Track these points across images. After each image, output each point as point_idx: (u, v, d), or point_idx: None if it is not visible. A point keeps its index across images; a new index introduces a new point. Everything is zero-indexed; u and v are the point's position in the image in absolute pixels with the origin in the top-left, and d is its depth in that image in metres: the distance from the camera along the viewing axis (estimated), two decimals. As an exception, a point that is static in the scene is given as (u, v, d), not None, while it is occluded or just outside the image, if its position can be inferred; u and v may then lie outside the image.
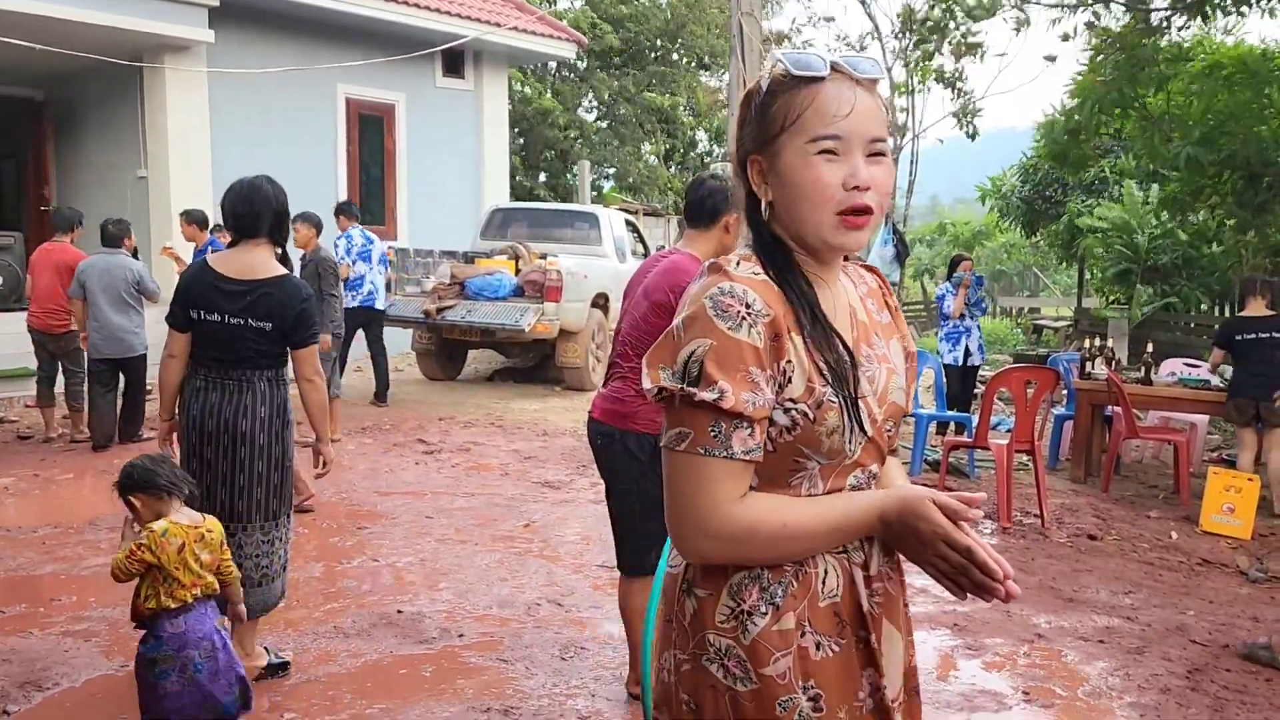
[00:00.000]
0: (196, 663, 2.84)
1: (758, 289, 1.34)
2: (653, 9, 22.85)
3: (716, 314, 1.32)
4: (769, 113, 1.40)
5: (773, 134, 1.39)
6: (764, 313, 1.32)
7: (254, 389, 3.55)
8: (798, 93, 1.38)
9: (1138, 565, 5.43)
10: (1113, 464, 7.27)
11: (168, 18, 10.35)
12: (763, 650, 1.37)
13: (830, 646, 1.40)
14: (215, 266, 3.61)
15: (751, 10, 8.49)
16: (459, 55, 13.59)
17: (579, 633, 4.18)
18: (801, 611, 1.38)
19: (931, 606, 4.63)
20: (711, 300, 1.33)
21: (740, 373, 1.30)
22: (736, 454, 1.32)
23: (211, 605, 2.98)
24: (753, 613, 1.37)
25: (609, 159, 22.23)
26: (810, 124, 1.36)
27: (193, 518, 2.98)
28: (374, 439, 8.10)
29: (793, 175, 1.37)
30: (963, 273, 8.58)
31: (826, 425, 1.35)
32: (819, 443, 1.36)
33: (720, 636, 1.39)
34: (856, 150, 1.36)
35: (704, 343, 1.31)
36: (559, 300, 10.09)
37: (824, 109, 1.36)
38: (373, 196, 13.13)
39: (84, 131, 12.18)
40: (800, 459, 1.37)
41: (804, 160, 1.36)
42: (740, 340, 1.31)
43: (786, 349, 1.34)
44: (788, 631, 1.37)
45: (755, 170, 1.43)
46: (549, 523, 5.84)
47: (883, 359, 1.47)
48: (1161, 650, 4.21)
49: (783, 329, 1.34)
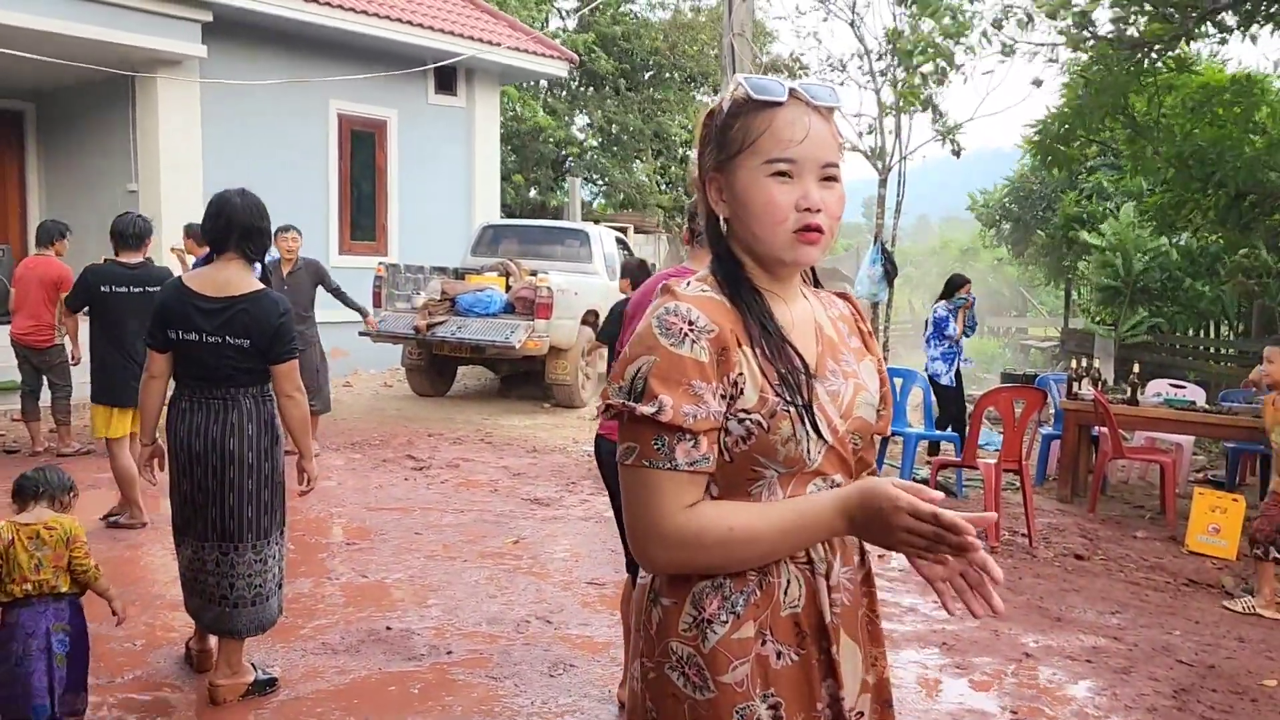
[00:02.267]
0: (20, 657, 2.96)
1: (703, 306, 1.39)
2: (644, 26, 23.00)
3: (661, 332, 1.37)
4: (728, 134, 1.45)
5: (730, 154, 1.44)
6: (708, 328, 1.37)
7: (240, 407, 3.53)
8: (756, 116, 1.43)
9: (1124, 585, 5.45)
10: (1099, 484, 7.31)
11: (161, 32, 10.37)
12: (721, 658, 1.40)
13: (790, 655, 1.42)
14: (190, 285, 3.57)
15: (743, 31, 8.56)
16: (451, 72, 13.64)
17: (568, 649, 4.17)
18: (763, 620, 1.41)
19: (920, 625, 4.65)
20: (658, 319, 1.38)
21: (683, 387, 1.34)
22: (680, 465, 1.36)
23: (57, 607, 3.04)
24: (713, 621, 1.41)
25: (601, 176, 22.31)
26: (766, 147, 1.41)
27: (39, 516, 3.06)
28: (363, 455, 8.08)
29: (747, 195, 1.42)
30: (965, 295, 8.63)
31: (780, 434, 1.39)
32: (774, 451, 1.39)
33: (682, 644, 1.42)
34: (809, 174, 1.41)
35: (648, 360, 1.36)
36: (549, 317, 10.10)
37: (779, 133, 1.41)
38: (364, 212, 13.15)
39: (74, 144, 12.17)
40: (757, 468, 1.41)
41: (758, 181, 1.41)
42: (683, 355, 1.35)
43: (735, 362, 1.38)
44: (746, 640, 1.40)
45: (713, 187, 1.48)
46: (538, 539, 5.84)
47: (850, 375, 1.51)
48: (1148, 670, 4.23)
49: (729, 343, 1.38)
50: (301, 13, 11.35)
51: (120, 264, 5.71)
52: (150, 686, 3.73)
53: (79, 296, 5.88)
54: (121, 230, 5.68)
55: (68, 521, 3.08)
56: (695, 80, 23.62)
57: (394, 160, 13.29)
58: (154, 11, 10.26)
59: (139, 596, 4.65)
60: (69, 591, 3.08)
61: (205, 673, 3.73)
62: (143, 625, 4.29)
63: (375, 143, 13.14)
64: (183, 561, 3.65)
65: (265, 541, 3.58)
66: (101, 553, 5.16)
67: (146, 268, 5.74)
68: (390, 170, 13.28)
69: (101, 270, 5.75)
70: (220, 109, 11.26)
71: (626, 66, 22.40)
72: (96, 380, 5.77)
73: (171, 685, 3.74)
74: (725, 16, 8.93)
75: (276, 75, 11.51)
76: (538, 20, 19.99)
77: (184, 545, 3.62)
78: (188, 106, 11.05)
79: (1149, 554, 6.07)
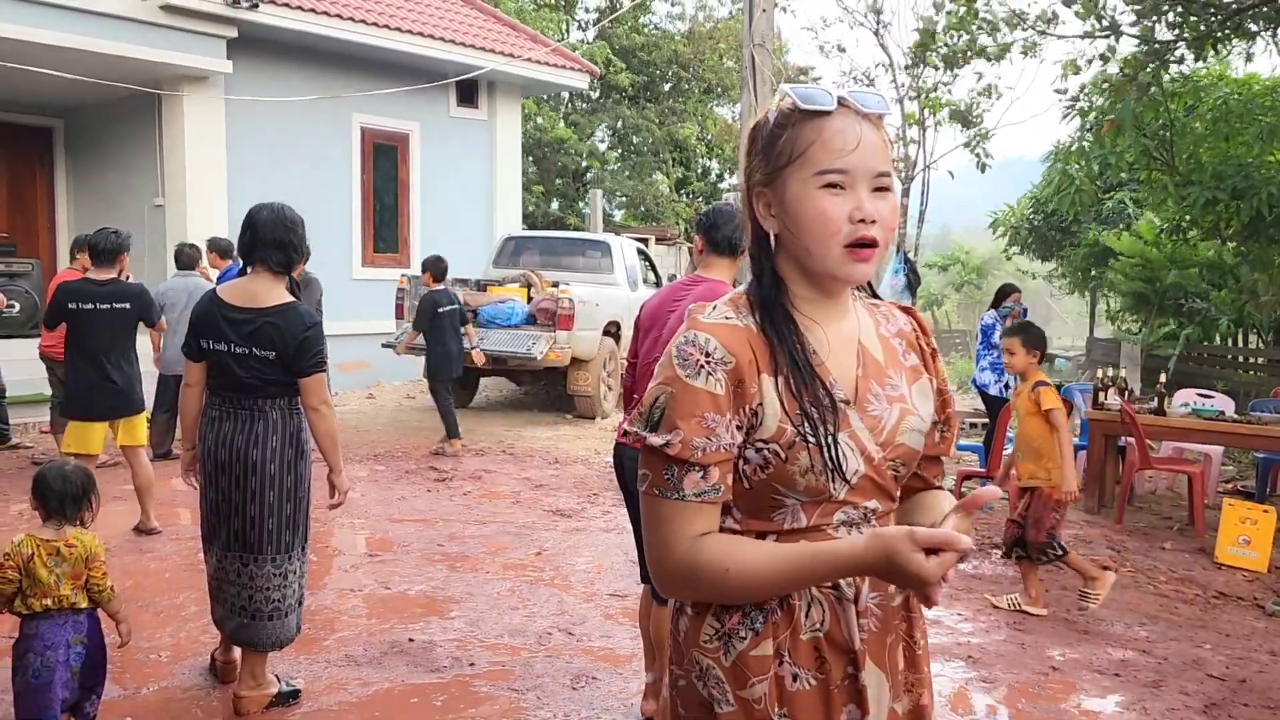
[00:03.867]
0: (37, 669, 2.99)
1: (722, 335, 1.37)
2: (664, 38, 23.05)
3: (679, 363, 1.36)
4: (776, 145, 1.41)
5: (779, 167, 1.41)
6: (725, 360, 1.35)
7: (266, 419, 3.55)
8: (804, 126, 1.39)
9: (1153, 598, 5.38)
10: (1126, 495, 7.23)
11: (187, 48, 10.50)
12: (741, 673, 1.40)
13: (808, 679, 1.40)
14: (223, 296, 3.63)
15: (763, 42, 8.55)
16: (473, 85, 13.72)
17: (590, 662, 4.16)
18: (782, 641, 1.40)
19: (945, 638, 4.61)
20: (677, 349, 1.37)
21: (695, 419, 1.34)
22: (688, 496, 1.36)
23: (75, 620, 3.06)
24: (733, 635, 1.41)
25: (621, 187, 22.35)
26: (817, 157, 1.37)
27: (58, 533, 3.07)
28: (386, 466, 8.11)
29: (798, 208, 1.38)
30: (1012, 303, 8.58)
31: (799, 465, 1.36)
32: (793, 481, 1.37)
33: (704, 656, 1.43)
34: (862, 184, 1.37)
35: (666, 390, 1.36)
36: (571, 328, 10.12)
37: (830, 143, 1.37)
38: (386, 225, 13.23)
39: (102, 160, 12.31)
40: (777, 496, 1.39)
41: (809, 193, 1.37)
42: (698, 388, 1.34)
43: (754, 393, 1.36)
44: (766, 658, 1.39)
45: (761, 203, 1.45)
46: (560, 551, 5.83)
47: (896, 399, 1.46)
48: (1178, 684, 4.17)
49: (746, 374, 1.36)
50: (325, 28, 11.46)
51: (91, 281, 5.70)
52: (175, 697, 3.74)
53: (53, 315, 5.81)
54: (95, 245, 5.65)
55: (88, 540, 3.09)
56: (714, 91, 23.67)
57: (416, 173, 13.37)
58: (180, 29, 10.38)
59: (164, 607, 4.68)
60: (87, 606, 3.10)
61: (230, 684, 3.75)
62: (168, 637, 4.31)
63: (398, 156, 13.22)
64: (209, 570, 3.68)
65: (286, 556, 3.59)
66: (127, 564, 5.22)
67: (117, 284, 5.71)
68: (412, 183, 13.36)
69: (72, 288, 5.72)
70: (245, 124, 11.37)
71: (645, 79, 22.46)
72: (67, 394, 5.86)
73: (196, 696, 3.76)
74: (745, 27, 8.93)
75: (300, 90, 11.61)
76: (558, 33, 20.08)
77: (210, 554, 3.66)
78: (213, 122, 11.16)
79: (1178, 566, 6.00)
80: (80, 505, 3.11)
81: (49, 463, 3.23)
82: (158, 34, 10.26)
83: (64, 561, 3.03)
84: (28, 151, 12.60)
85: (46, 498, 3.11)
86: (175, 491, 6.87)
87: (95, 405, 5.61)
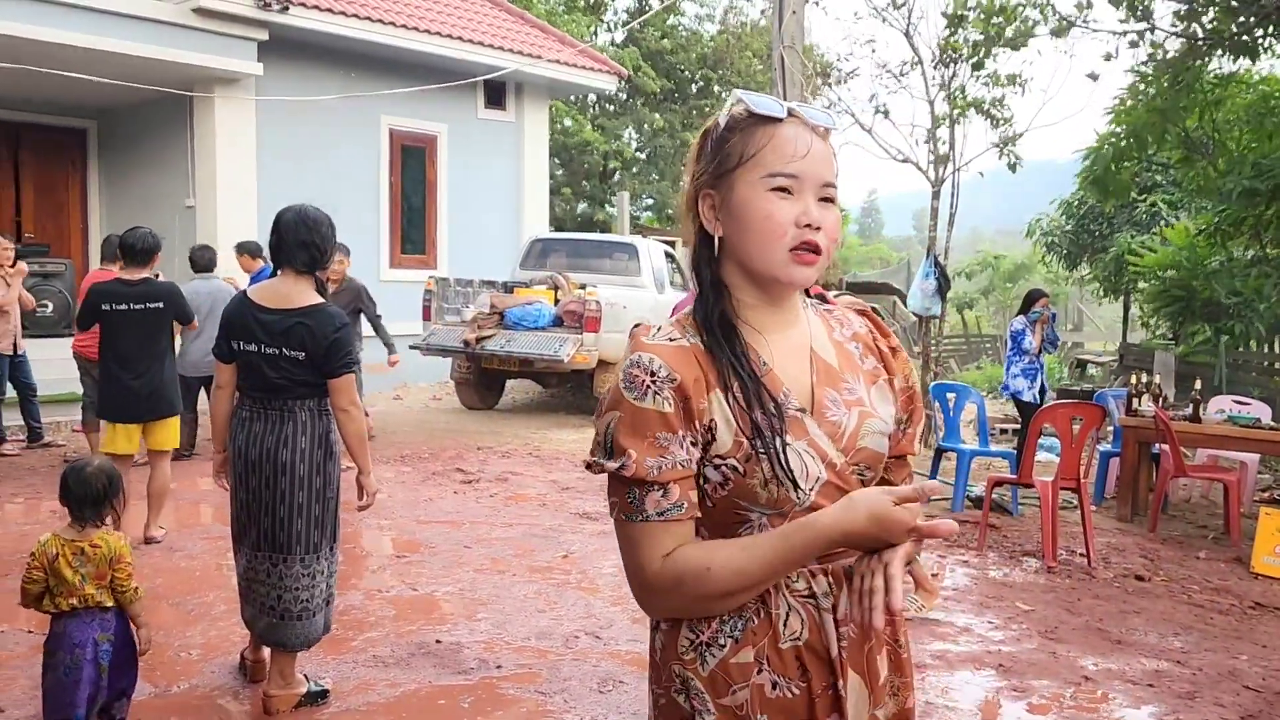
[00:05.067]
0: (68, 666, 3.02)
1: (666, 355, 1.37)
2: (694, 40, 23.03)
3: (625, 386, 1.36)
4: (725, 147, 1.43)
5: (728, 169, 1.41)
6: (670, 378, 1.35)
7: (295, 419, 3.56)
8: (755, 131, 1.41)
9: (1187, 607, 5.30)
10: (1160, 503, 7.13)
11: (219, 51, 10.60)
12: (721, 681, 1.40)
13: (788, 689, 1.39)
14: (254, 297, 3.65)
15: (793, 44, 8.52)
16: (500, 87, 13.76)
17: (617, 665, 4.15)
18: (761, 649, 1.39)
19: (976, 646, 4.56)
20: (623, 373, 1.37)
21: (648, 440, 1.34)
22: (651, 516, 1.36)
23: (103, 619, 3.08)
24: (711, 644, 1.40)
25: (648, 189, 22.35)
26: (767, 161, 1.39)
27: (83, 533, 3.09)
28: (412, 468, 8.14)
29: (746, 209, 1.39)
30: (1040, 309, 8.50)
31: (759, 477, 1.36)
32: (754, 495, 1.37)
33: (682, 668, 1.42)
34: (809, 191, 1.39)
35: (615, 415, 1.36)
36: (598, 331, 10.12)
37: (782, 148, 1.39)
38: (414, 226, 13.29)
39: (134, 162, 12.45)
40: (740, 511, 1.39)
41: (758, 195, 1.39)
42: (646, 409, 1.34)
43: (703, 409, 1.36)
44: (746, 665, 1.39)
45: (707, 204, 1.45)
46: (587, 554, 5.82)
47: (854, 403, 1.46)
48: (1214, 696, 4.10)
49: (692, 392, 1.35)
50: (354, 30, 11.54)
51: (124, 281, 5.68)
52: (205, 696, 3.76)
53: (86, 316, 5.81)
54: (130, 245, 5.62)
55: (113, 540, 3.11)
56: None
57: (444, 174, 13.43)
58: (212, 31, 10.49)
59: (194, 606, 4.71)
60: (113, 605, 3.11)
61: (259, 683, 3.76)
62: (199, 636, 4.34)
63: (425, 157, 13.28)
64: (239, 569, 3.70)
65: (314, 556, 3.60)
66: (158, 563, 5.26)
67: (149, 283, 5.70)
68: (440, 184, 13.42)
69: (105, 289, 5.72)
70: (274, 125, 11.46)
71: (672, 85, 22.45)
72: (100, 396, 5.87)
73: (226, 695, 3.78)
74: (775, 29, 8.91)
75: (329, 91, 11.70)
76: (587, 36, 20.11)
77: (240, 553, 3.67)
78: (243, 123, 11.27)
79: (1213, 575, 5.91)
80: (100, 507, 3.12)
81: (72, 463, 3.24)
82: (190, 37, 10.36)
83: (88, 562, 3.05)
84: (62, 153, 12.77)
85: (67, 500, 3.14)
86: (203, 491, 6.92)
87: (128, 407, 5.61)
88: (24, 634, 4.18)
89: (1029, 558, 6.12)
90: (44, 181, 12.64)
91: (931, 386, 8.78)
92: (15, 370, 8.20)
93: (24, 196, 12.49)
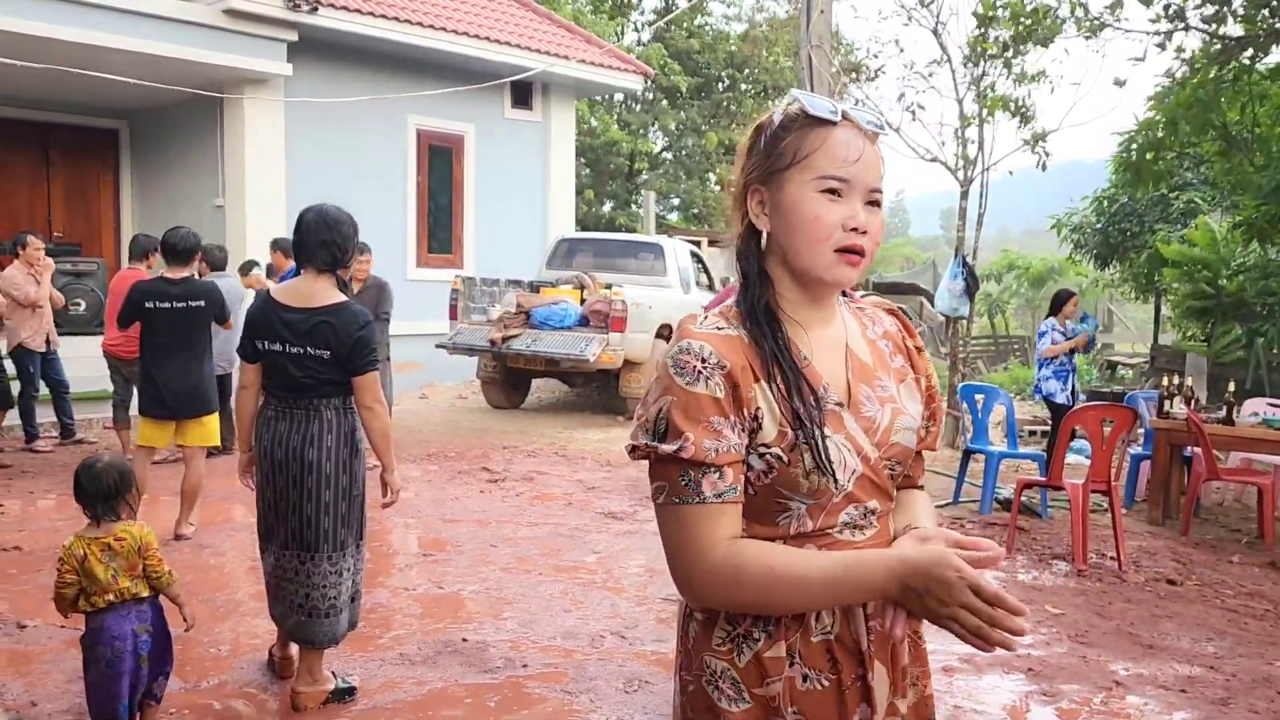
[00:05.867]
0: (110, 659, 3.06)
1: (715, 343, 1.40)
2: (720, 39, 22.98)
3: (676, 371, 1.38)
4: (778, 146, 1.45)
5: (780, 167, 1.44)
6: (720, 364, 1.38)
7: (321, 418, 3.58)
8: (809, 132, 1.44)
9: (1220, 612, 5.23)
10: (1192, 506, 7.04)
11: (249, 52, 10.68)
12: (755, 673, 1.43)
13: (818, 681, 1.43)
14: (277, 297, 3.66)
15: (820, 43, 8.48)
16: (527, 87, 13.79)
17: (643, 665, 4.14)
18: (794, 642, 1.43)
19: (1003, 651, 4.51)
20: (672, 360, 1.40)
21: (702, 424, 1.36)
22: (708, 498, 1.37)
23: (139, 610, 3.11)
24: (747, 636, 1.43)
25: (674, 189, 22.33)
26: (819, 163, 1.42)
27: (108, 529, 3.11)
28: (439, 466, 8.17)
29: (795, 210, 1.43)
30: (1071, 308, 8.41)
31: (802, 467, 1.39)
32: (797, 484, 1.40)
33: (717, 659, 1.45)
34: (857, 196, 1.43)
35: (667, 400, 1.38)
36: (624, 330, 10.12)
37: (834, 151, 1.42)
38: (441, 226, 13.34)
39: (165, 162, 12.58)
40: (781, 500, 1.42)
41: (808, 196, 1.42)
42: (699, 393, 1.37)
43: (750, 397, 1.39)
44: (779, 659, 1.42)
45: (755, 200, 1.48)
46: (612, 554, 5.82)
47: (887, 399, 1.50)
48: (1248, 702, 4.04)
49: (740, 380, 1.38)
50: (383, 30, 11.60)
51: (166, 280, 5.76)
52: (234, 692, 3.79)
53: (128, 314, 5.87)
54: (173, 245, 5.70)
55: (137, 530, 3.14)
56: (769, 93, 23.56)
57: (471, 174, 13.47)
58: (242, 33, 10.57)
59: (223, 603, 4.74)
60: (149, 595, 3.15)
61: (287, 679, 3.79)
62: (228, 632, 4.37)
63: (453, 157, 13.33)
64: (267, 568, 3.72)
65: (341, 554, 3.62)
66: (187, 560, 5.31)
67: (190, 283, 5.78)
68: (467, 184, 13.46)
69: (148, 287, 5.80)
70: (303, 126, 11.54)
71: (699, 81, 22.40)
72: (141, 392, 5.93)
73: (255, 691, 3.80)
74: (802, 28, 8.87)
75: (358, 92, 11.76)
76: (613, 36, 20.12)
77: (268, 552, 3.69)
78: (272, 124, 11.35)
79: (1246, 580, 5.82)
80: (113, 502, 3.14)
81: (82, 461, 3.25)
82: (220, 38, 10.45)
83: (117, 556, 3.07)
84: (93, 153, 12.92)
85: (82, 498, 3.16)
86: (233, 488, 6.97)
87: (167, 404, 5.69)
88: (56, 629, 4.23)
89: (1059, 561, 6.06)
90: (75, 181, 12.80)
91: (960, 388, 8.72)
92: (47, 367, 8.30)
93: (55, 196, 12.65)
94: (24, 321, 8.00)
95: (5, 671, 3.90)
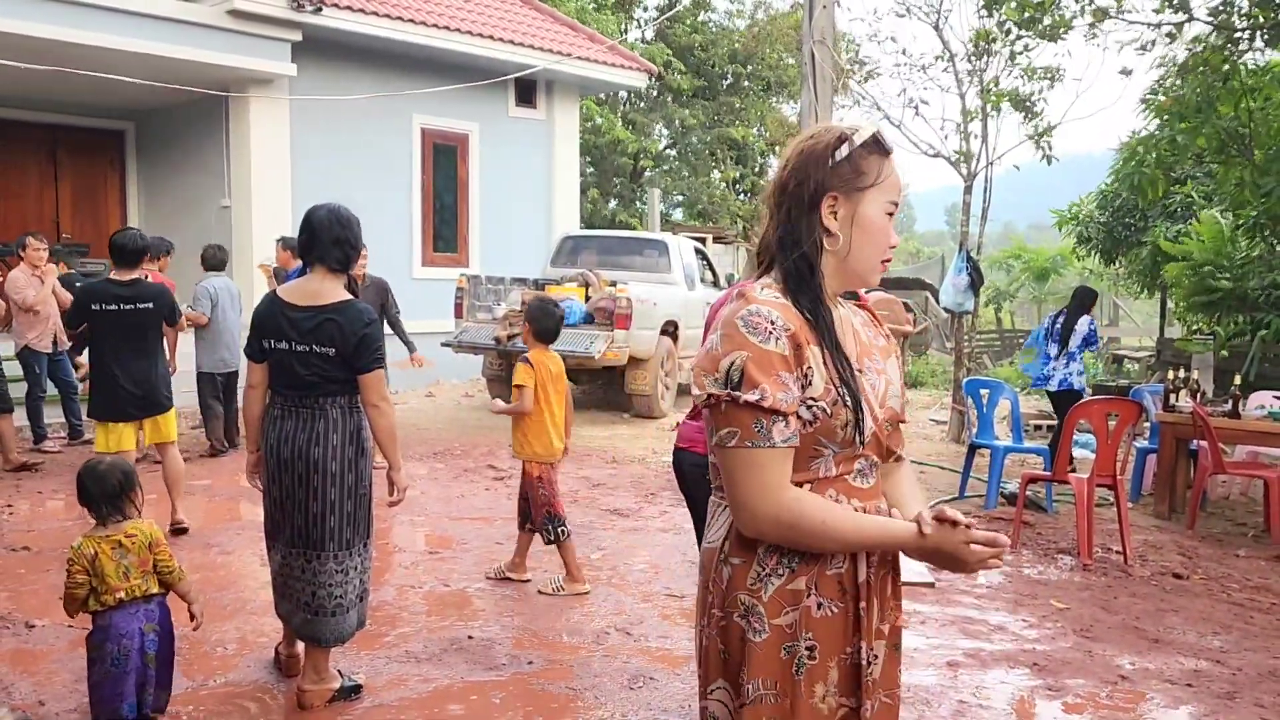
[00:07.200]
0: (116, 657, 3.07)
1: (778, 309, 1.66)
2: (723, 35, 22.94)
3: (748, 331, 1.64)
4: (864, 164, 1.72)
5: (865, 185, 1.72)
6: (786, 327, 1.65)
7: (327, 416, 3.58)
8: (880, 160, 1.74)
9: (1227, 606, 5.22)
10: (1198, 500, 7.02)
11: (254, 53, 10.71)
12: (775, 605, 1.70)
13: (830, 608, 1.72)
14: (283, 296, 3.66)
15: (824, 39, 8.47)
16: (531, 85, 13.80)
17: (647, 662, 4.15)
18: (812, 576, 1.70)
19: (1010, 644, 4.52)
20: (743, 320, 1.65)
21: (773, 377, 1.62)
22: (778, 443, 1.63)
23: (147, 609, 3.13)
24: (772, 574, 1.70)
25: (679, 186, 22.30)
26: (890, 188, 1.75)
27: (117, 527, 3.13)
28: (445, 464, 8.18)
29: (873, 224, 1.73)
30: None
31: (841, 419, 1.67)
32: (835, 434, 1.68)
33: (747, 595, 1.71)
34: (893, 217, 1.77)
35: (741, 354, 1.62)
36: (629, 328, 10.12)
37: (895, 181, 1.76)
38: (445, 224, 13.37)
39: (171, 162, 12.61)
40: (819, 447, 1.68)
41: (881, 216, 1.74)
42: (770, 350, 1.63)
43: (806, 357, 1.65)
44: (798, 591, 1.70)
45: (828, 204, 1.72)
46: (617, 551, 5.83)
47: (880, 371, 1.81)
48: (1254, 696, 4.04)
49: (802, 341, 1.65)
50: (387, 30, 11.62)
51: (114, 281, 5.65)
52: (240, 690, 3.80)
53: (74, 315, 5.82)
54: (120, 246, 5.59)
55: (145, 526, 3.17)
56: (773, 88, 23.51)
57: (475, 173, 13.49)
58: (247, 33, 10.60)
59: (230, 601, 4.76)
60: (158, 593, 3.17)
61: (293, 677, 3.80)
62: (234, 630, 4.39)
63: (457, 156, 13.35)
64: (273, 566, 3.73)
65: (348, 552, 3.62)
66: (194, 558, 5.33)
67: (139, 284, 5.67)
68: (472, 183, 13.49)
69: (94, 289, 5.71)
70: (308, 125, 11.57)
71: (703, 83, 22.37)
72: (93, 396, 5.80)
73: (261, 689, 3.82)
74: (805, 24, 8.85)
75: (362, 91, 11.79)
76: (617, 33, 20.11)
77: (274, 550, 3.70)
78: (278, 124, 11.38)
79: (1253, 574, 5.82)
80: (118, 501, 3.16)
81: (85, 464, 3.26)
82: (225, 39, 10.48)
83: (128, 552, 3.10)
84: (100, 154, 12.96)
85: (86, 499, 3.17)
86: (240, 487, 7.00)
87: (121, 406, 5.60)
88: (64, 629, 4.25)
89: (1064, 555, 6.05)
90: (82, 182, 12.84)
91: (965, 383, 8.70)
92: (55, 368, 8.33)
93: (62, 197, 12.70)
94: (29, 323, 8.02)
95: (13, 671, 3.92)
